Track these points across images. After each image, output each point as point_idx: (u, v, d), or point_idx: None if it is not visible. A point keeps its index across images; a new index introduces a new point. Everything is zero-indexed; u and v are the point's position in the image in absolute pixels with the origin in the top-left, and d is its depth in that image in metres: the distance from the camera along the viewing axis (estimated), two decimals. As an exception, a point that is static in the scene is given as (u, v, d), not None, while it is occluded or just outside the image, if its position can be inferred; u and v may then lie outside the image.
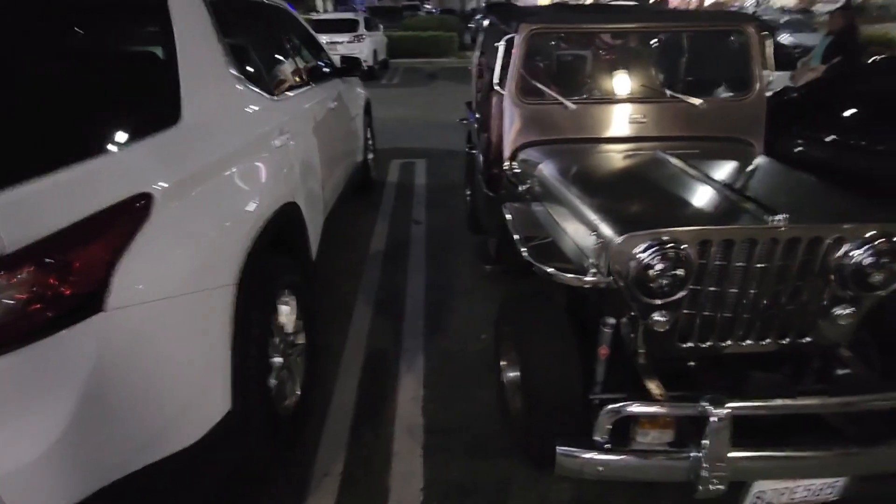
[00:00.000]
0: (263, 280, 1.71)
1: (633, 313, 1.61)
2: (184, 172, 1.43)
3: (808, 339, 1.66)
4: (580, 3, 6.60)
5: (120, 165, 1.32)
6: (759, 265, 1.53)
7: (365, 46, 12.02)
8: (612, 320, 1.66)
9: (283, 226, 1.91)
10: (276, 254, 1.90)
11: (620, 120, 2.48)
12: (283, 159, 2.06)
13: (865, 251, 1.48)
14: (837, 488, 1.48)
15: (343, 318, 2.91)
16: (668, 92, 2.52)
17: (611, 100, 2.52)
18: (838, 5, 5.68)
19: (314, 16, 13.34)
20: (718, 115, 2.47)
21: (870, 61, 4.43)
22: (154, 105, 1.59)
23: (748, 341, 1.65)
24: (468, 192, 3.88)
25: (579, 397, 1.65)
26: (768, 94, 2.46)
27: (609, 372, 1.69)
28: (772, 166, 2.13)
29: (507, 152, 2.53)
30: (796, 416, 1.49)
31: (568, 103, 2.43)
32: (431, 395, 2.33)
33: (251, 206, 1.69)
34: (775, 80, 2.66)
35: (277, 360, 1.86)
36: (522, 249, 1.81)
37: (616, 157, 2.26)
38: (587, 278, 1.58)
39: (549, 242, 1.90)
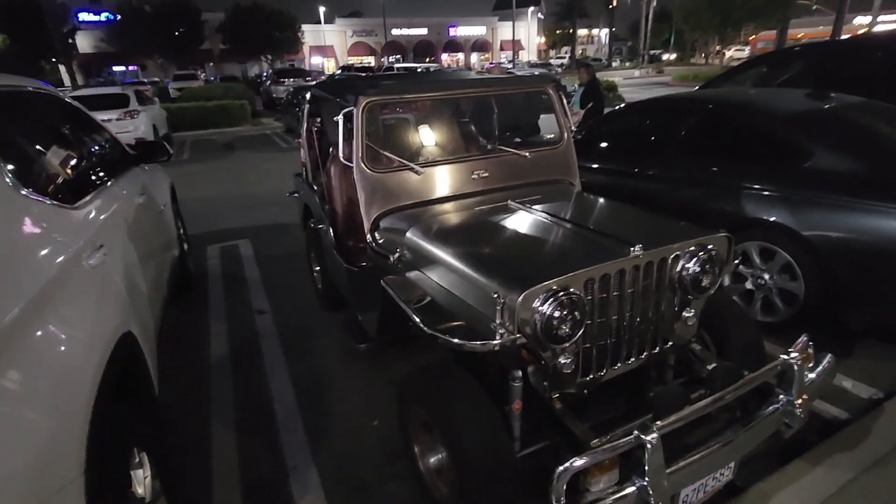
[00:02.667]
0: (114, 452, 1.27)
1: (542, 362, 1.65)
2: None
3: (670, 342, 1.92)
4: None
5: None
6: (630, 290, 1.75)
7: (141, 122, 10.71)
8: (519, 374, 1.69)
9: (122, 369, 1.46)
10: (118, 407, 1.44)
11: (465, 177, 2.59)
12: (105, 281, 1.60)
13: (695, 262, 1.80)
14: (733, 467, 1.70)
15: (203, 453, 2.36)
16: (501, 147, 2.74)
17: (455, 159, 2.62)
18: (583, 64, 7.03)
19: (69, 92, 11.42)
20: (542, 162, 2.77)
21: (617, 108, 5.58)
22: None
23: (631, 359, 1.84)
24: (316, 269, 3.61)
25: (514, 462, 1.60)
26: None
27: (524, 425, 1.72)
28: (596, 200, 2.45)
29: (367, 224, 2.43)
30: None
31: (417, 168, 2.45)
32: (341, 514, 2.01)
33: (80, 360, 1.24)
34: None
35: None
36: (421, 324, 1.70)
37: (476, 213, 2.34)
38: (496, 341, 1.56)
39: (439, 310, 1.84)
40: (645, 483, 1.37)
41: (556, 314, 1.54)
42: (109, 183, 2.37)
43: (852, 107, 3.31)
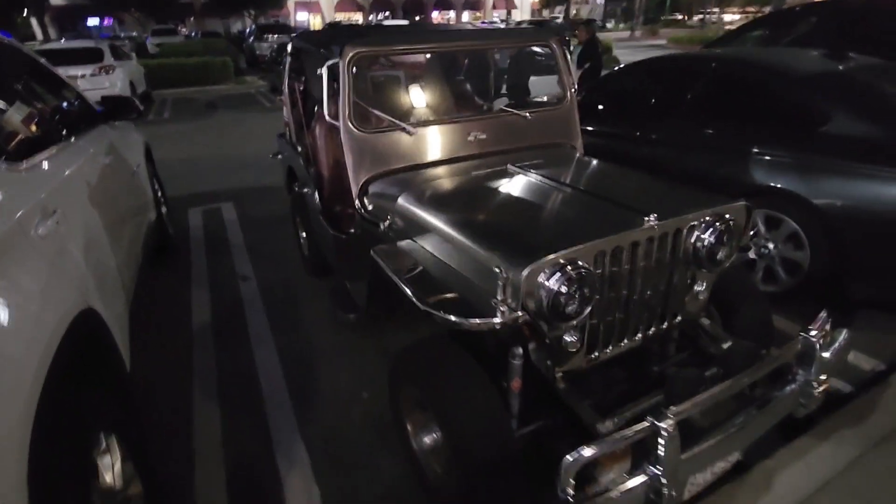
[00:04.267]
0: (72, 443, 1.13)
1: (546, 340, 1.54)
2: None
3: (679, 318, 1.81)
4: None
5: None
6: (642, 263, 1.63)
7: (117, 78, 10.18)
8: (519, 350, 1.59)
9: (80, 349, 1.31)
10: (78, 392, 1.30)
11: (461, 138, 2.41)
12: (59, 252, 1.43)
13: (711, 233, 1.67)
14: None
15: (185, 429, 2.26)
16: (500, 107, 2.55)
17: (451, 119, 2.43)
18: (581, 21, 6.72)
19: (38, 46, 10.79)
20: (543, 124, 2.59)
21: (617, 68, 5.35)
22: None
23: (639, 335, 1.73)
24: (303, 235, 3.44)
25: (512, 441, 1.50)
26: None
27: (522, 403, 1.64)
28: (602, 165, 2.29)
29: (354, 189, 2.25)
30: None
31: (409, 128, 2.26)
32: (329, 491, 1.92)
33: (21, 345, 1.08)
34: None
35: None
36: (414, 299, 1.57)
37: (473, 177, 2.18)
38: (497, 318, 1.43)
39: (433, 283, 1.70)
40: (659, 472, 1.27)
41: (564, 290, 1.41)
42: (69, 142, 2.15)
43: (869, 68, 3.14)
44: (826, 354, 1.61)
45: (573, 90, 2.68)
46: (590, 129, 3.94)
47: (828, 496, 1.63)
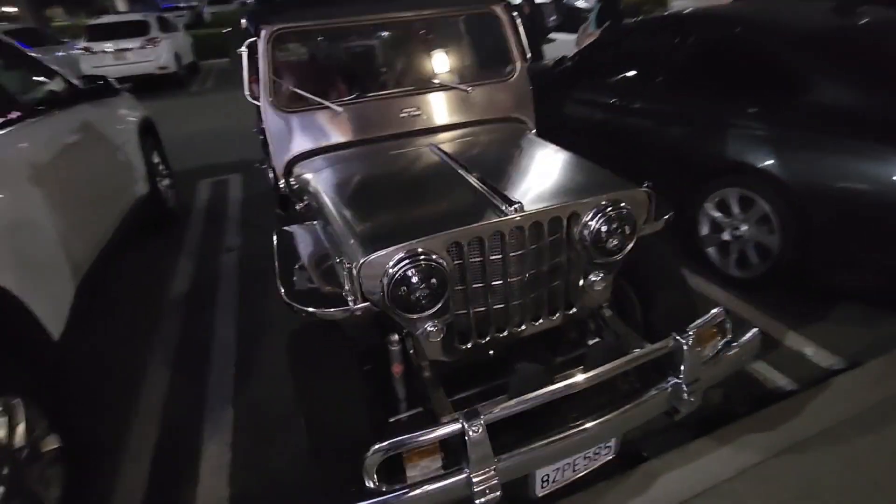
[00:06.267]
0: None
1: (405, 330, 1.53)
2: None
3: (574, 309, 1.73)
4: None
5: None
6: (515, 253, 1.54)
7: (163, 50, 10.67)
8: (396, 336, 1.60)
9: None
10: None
11: (394, 116, 2.35)
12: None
13: (598, 221, 1.57)
14: (613, 446, 1.56)
15: (133, 391, 2.46)
16: (437, 80, 2.46)
17: (380, 96, 2.38)
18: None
19: (93, 20, 11.45)
20: (489, 98, 2.47)
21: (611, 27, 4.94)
22: None
23: (523, 326, 1.68)
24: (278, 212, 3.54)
25: (369, 429, 1.52)
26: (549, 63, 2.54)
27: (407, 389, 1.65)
28: (532, 146, 2.17)
29: (279, 169, 2.28)
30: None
31: (333, 106, 2.24)
32: (240, 459, 2.05)
33: None
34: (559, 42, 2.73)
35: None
36: (280, 287, 1.60)
37: (383, 158, 2.14)
38: (342, 309, 1.44)
39: (313, 269, 1.72)
40: (467, 472, 1.26)
41: (410, 281, 1.39)
42: (20, 123, 2.32)
43: (881, 23, 2.73)
44: (702, 356, 1.49)
45: (524, 61, 2.53)
46: (578, 97, 3.74)
47: (704, 502, 1.55)
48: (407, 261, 1.39)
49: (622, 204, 1.60)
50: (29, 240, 1.99)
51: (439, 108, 2.42)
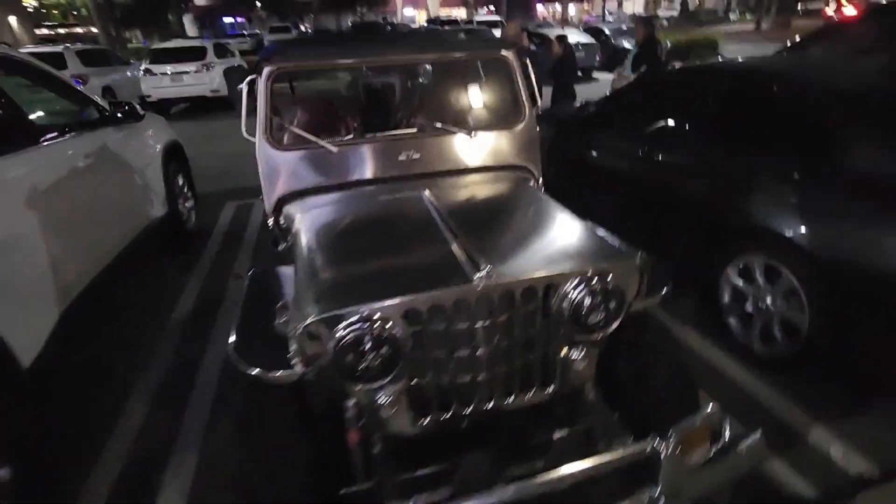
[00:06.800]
0: None
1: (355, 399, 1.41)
2: None
3: (552, 387, 1.55)
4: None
5: None
6: (481, 324, 1.39)
7: (216, 75, 11.21)
8: (353, 401, 1.47)
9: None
10: None
11: (392, 159, 2.27)
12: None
13: (579, 294, 1.41)
14: None
15: (107, 422, 2.40)
16: (439, 124, 2.37)
17: (379, 138, 2.31)
18: (641, 18, 6.12)
19: (155, 45, 12.23)
20: (493, 145, 2.36)
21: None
22: None
23: (491, 403, 1.51)
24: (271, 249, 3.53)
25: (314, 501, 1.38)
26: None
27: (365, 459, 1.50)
28: (526, 201, 2.04)
29: (268, 206, 2.23)
30: None
31: (328, 146, 2.18)
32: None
33: None
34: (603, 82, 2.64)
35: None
36: (231, 339, 1.50)
37: (374, 204, 2.06)
38: (287, 373, 1.33)
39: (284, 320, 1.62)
40: None
41: (354, 349, 1.27)
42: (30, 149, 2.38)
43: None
44: (688, 463, 1.28)
45: (533, 108, 2.42)
46: (598, 144, 3.59)
47: None
48: (356, 326, 1.27)
49: (609, 277, 1.44)
50: (7, 267, 1.99)
51: (440, 152, 2.32)
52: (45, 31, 30.88)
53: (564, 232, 1.74)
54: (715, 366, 2.55)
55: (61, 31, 29.12)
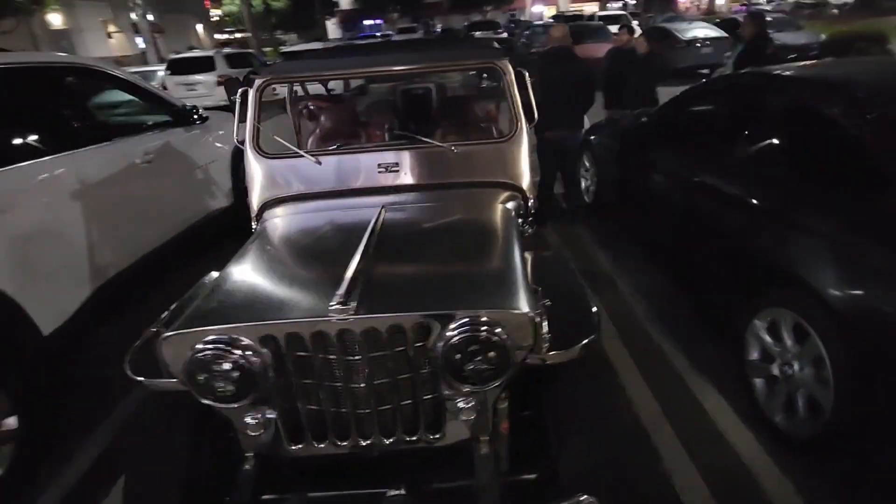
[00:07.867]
0: None
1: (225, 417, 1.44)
2: None
3: (439, 435, 1.43)
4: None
5: None
6: (348, 358, 1.34)
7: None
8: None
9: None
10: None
11: (370, 170, 2.26)
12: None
13: (453, 340, 1.28)
14: None
15: (120, 393, 2.71)
16: (423, 137, 2.31)
17: (361, 149, 2.31)
18: (752, 13, 5.32)
19: (172, 55, 13.47)
20: (479, 159, 2.24)
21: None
22: None
23: (370, 440, 1.44)
24: None
25: None
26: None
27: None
28: (478, 227, 1.90)
29: (252, 210, 2.36)
30: None
31: (308, 157, 2.24)
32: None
33: None
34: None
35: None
36: (137, 342, 1.62)
37: (331, 216, 2.06)
38: (165, 381, 1.40)
39: None
40: None
41: (207, 369, 1.30)
42: (83, 148, 2.78)
43: None
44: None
45: (523, 121, 2.24)
46: (646, 160, 3.21)
47: None
48: (211, 346, 1.30)
49: (491, 326, 1.28)
50: (40, 248, 2.36)
51: (421, 165, 2.26)
52: (224, 35, 35.96)
53: (480, 270, 1.60)
54: (721, 431, 2.15)
55: (237, 35, 33.76)
